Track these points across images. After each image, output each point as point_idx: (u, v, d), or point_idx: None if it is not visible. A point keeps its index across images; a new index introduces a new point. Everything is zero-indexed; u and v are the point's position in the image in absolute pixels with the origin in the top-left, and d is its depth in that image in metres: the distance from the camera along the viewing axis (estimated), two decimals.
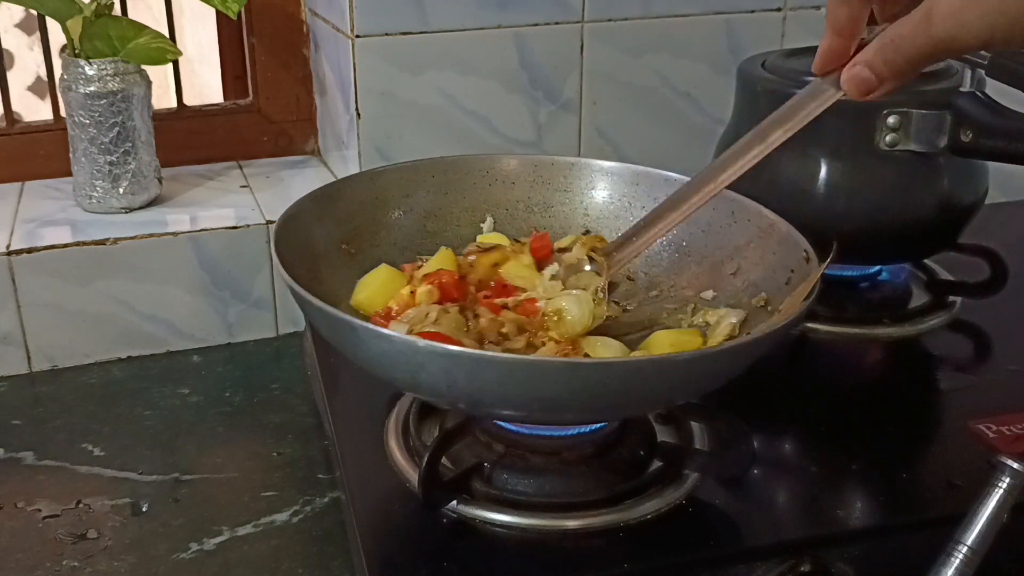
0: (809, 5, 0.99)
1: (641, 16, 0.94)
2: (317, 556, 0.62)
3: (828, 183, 0.79)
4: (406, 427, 0.68)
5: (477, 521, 0.59)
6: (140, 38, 0.87)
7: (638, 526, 0.59)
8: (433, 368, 0.54)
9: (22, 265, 0.81)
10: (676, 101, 0.99)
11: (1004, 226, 1.03)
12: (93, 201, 0.88)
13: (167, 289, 0.85)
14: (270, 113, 1.02)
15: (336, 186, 0.74)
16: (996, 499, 0.48)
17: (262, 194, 0.94)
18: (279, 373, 0.84)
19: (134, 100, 0.87)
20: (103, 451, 0.73)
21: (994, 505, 0.48)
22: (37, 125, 0.97)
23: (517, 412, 0.59)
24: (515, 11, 0.90)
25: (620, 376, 0.53)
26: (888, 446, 0.67)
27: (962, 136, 0.74)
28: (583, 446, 0.64)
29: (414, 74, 0.89)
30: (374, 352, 0.55)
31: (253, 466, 0.71)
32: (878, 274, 0.89)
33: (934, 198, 0.80)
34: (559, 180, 0.79)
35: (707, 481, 0.63)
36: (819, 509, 0.62)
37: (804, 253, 0.64)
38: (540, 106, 0.94)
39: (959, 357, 0.82)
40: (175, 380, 0.83)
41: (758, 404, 0.71)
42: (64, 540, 0.64)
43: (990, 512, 0.48)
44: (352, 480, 0.64)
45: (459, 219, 0.78)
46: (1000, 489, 0.48)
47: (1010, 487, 0.48)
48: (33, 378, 0.83)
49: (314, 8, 0.97)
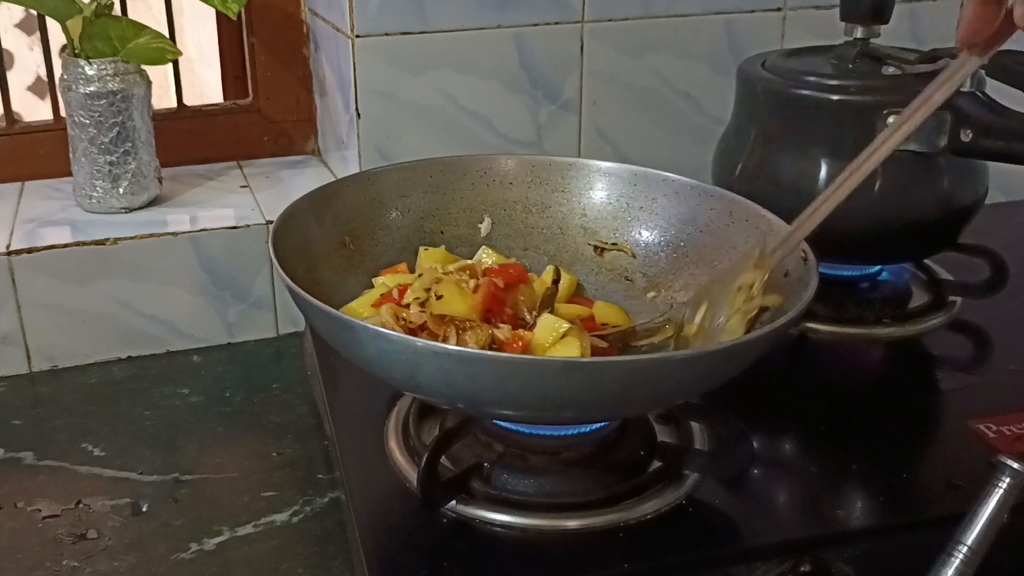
0: (809, 5, 0.99)
1: (641, 16, 0.94)
2: (317, 556, 0.62)
3: (828, 183, 0.79)
4: (406, 427, 0.68)
5: (477, 521, 0.60)
6: (140, 38, 0.87)
7: (638, 526, 0.59)
8: (431, 367, 0.54)
9: (22, 265, 0.81)
10: (676, 101, 0.99)
11: (1004, 226, 1.03)
12: (93, 201, 0.88)
13: (167, 289, 0.85)
14: (270, 113, 1.02)
15: (334, 186, 0.74)
16: (996, 499, 0.48)
17: (262, 194, 0.94)
18: (279, 373, 0.84)
19: (134, 100, 0.87)
20: (103, 451, 0.73)
21: (994, 505, 0.48)
22: (37, 125, 0.97)
23: (516, 411, 0.59)
24: (515, 11, 0.90)
25: (619, 375, 0.53)
26: (888, 446, 0.67)
27: (962, 136, 0.74)
28: (583, 446, 0.64)
29: (414, 74, 0.89)
30: (372, 352, 0.56)
31: (253, 466, 0.71)
32: (878, 274, 0.89)
33: (934, 198, 0.80)
34: (557, 180, 0.79)
35: (707, 481, 0.63)
36: (819, 509, 0.62)
37: (802, 253, 0.64)
38: (540, 106, 0.94)
39: (959, 357, 0.82)
40: (175, 380, 0.83)
41: (758, 404, 0.71)
42: (64, 540, 0.64)
43: (990, 512, 0.48)
44: (352, 480, 0.64)
45: (457, 219, 0.78)
46: (1000, 489, 0.48)
47: (1010, 487, 0.48)
48: (33, 378, 0.83)
49: (314, 8, 0.97)
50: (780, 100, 0.82)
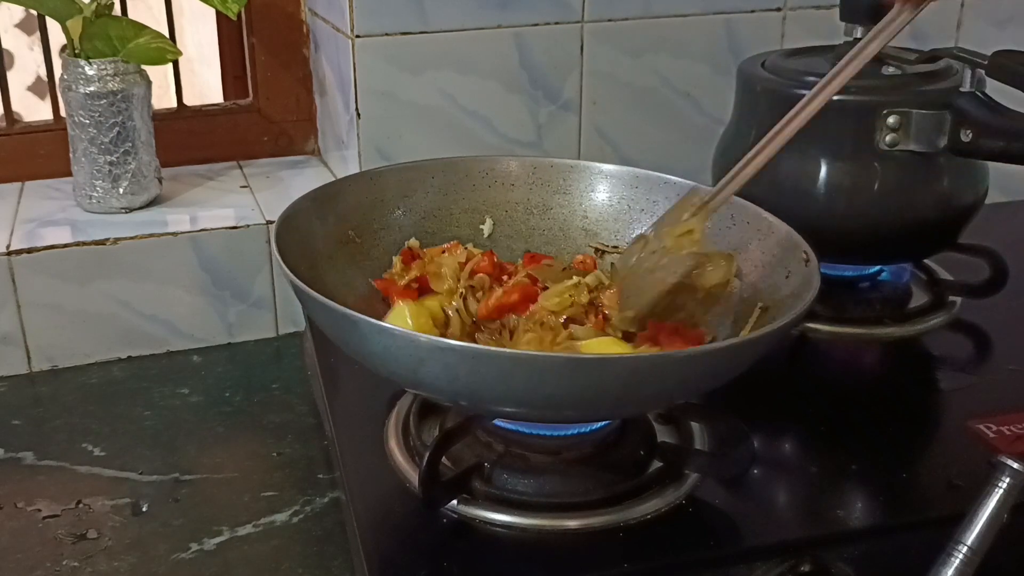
0: (809, 5, 0.99)
1: (641, 16, 0.94)
2: (317, 556, 0.62)
3: (828, 183, 0.79)
4: (406, 427, 0.68)
5: (477, 521, 0.60)
6: (140, 38, 0.87)
7: (638, 526, 0.59)
8: (434, 363, 0.54)
9: (22, 265, 0.81)
10: (676, 101, 0.99)
11: (1004, 226, 1.03)
12: (93, 201, 0.88)
13: (167, 289, 0.85)
14: (270, 113, 1.02)
15: (336, 185, 0.74)
16: (996, 499, 0.48)
17: (262, 194, 0.94)
18: (279, 373, 0.84)
19: (134, 100, 0.87)
20: (103, 451, 0.73)
21: (994, 505, 0.48)
22: (37, 125, 0.97)
23: (518, 409, 0.59)
24: (515, 11, 0.90)
25: (620, 373, 0.53)
26: (888, 446, 0.67)
27: (962, 136, 0.74)
28: (583, 446, 0.64)
29: (414, 74, 0.89)
30: (375, 347, 0.55)
31: (253, 466, 0.71)
32: (878, 274, 0.89)
33: (934, 198, 0.80)
34: (558, 182, 0.79)
35: (707, 481, 0.63)
36: (819, 509, 0.62)
37: (803, 255, 0.64)
38: (540, 106, 0.94)
39: (959, 357, 0.82)
40: (175, 380, 0.83)
41: (758, 404, 0.71)
42: (64, 540, 0.64)
43: (990, 512, 0.48)
44: (352, 480, 0.64)
45: (458, 220, 0.78)
46: (1000, 489, 0.48)
47: (1010, 487, 0.48)
48: (33, 378, 0.84)
49: (314, 8, 0.97)
50: (780, 100, 0.81)
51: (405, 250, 0.74)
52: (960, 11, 1.05)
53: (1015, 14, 1.07)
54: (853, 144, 0.78)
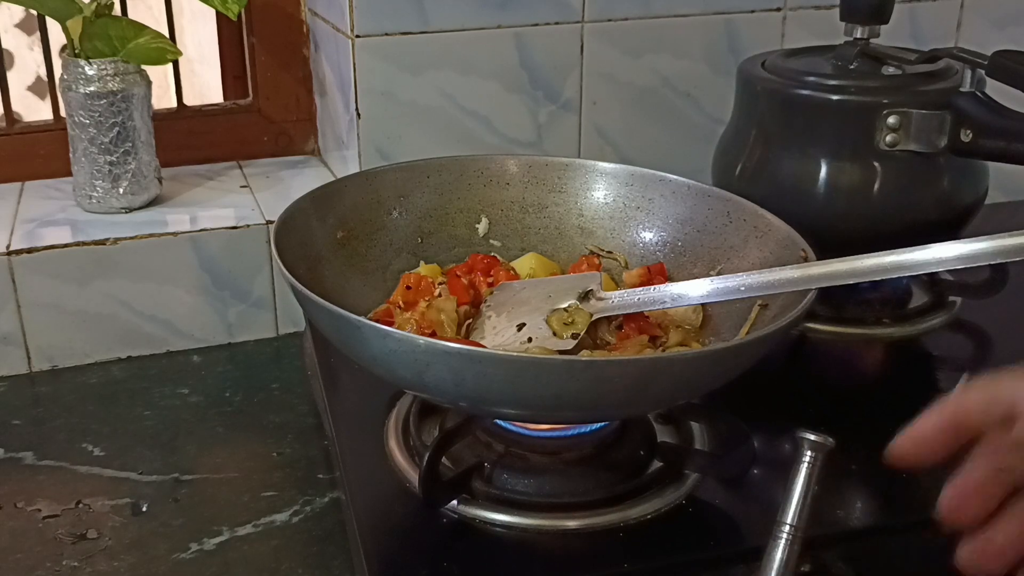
0: (809, 5, 0.99)
1: (641, 16, 0.94)
2: (317, 556, 0.62)
3: (828, 183, 0.79)
4: (406, 427, 0.68)
5: (477, 521, 0.60)
6: (140, 38, 0.87)
7: (638, 526, 0.59)
8: (440, 367, 0.53)
9: (22, 265, 0.81)
10: (676, 101, 0.99)
11: (1004, 226, 1.02)
12: (93, 201, 0.88)
13: (167, 289, 0.85)
14: (270, 113, 1.02)
15: (335, 186, 0.74)
16: (803, 474, 0.49)
17: (262, 194, 0.94)
18: (279, 373, 0.84)
19: (134, 100, 0.87)
20: (103, 451, 0.73)
21: (802, 480, 0.49)
22: (37, 125, 0.97)
23: (521, 411, 0.59)
24: (515, 11, 0.90)
25: (621, 375, 0.53)
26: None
27: (962, 136, 0.74)
28: (583, 446, 0.64)
29: (414, 74, 0.89)
30: (378, 351, 0.55)
31: (253, 466, 0.71)
32: None
33: (934, 198, 0.80)
34: (554, 181, 0.79)
35: (707, 481, 0.63)
36: (819, 509, 0.62)
37: (802, 252, 0.65)
38: (540, 106, 0.94)
39: (959, 357, 0.82)
40: (175, 380, 0.83)
41: (758, 404, 0.71)
42: (64, 540, 0.64)
43: (800, 488, 0.49)
44: (352, 480, 0.64)
45: (455, 220, 0.78)
46: (805, 463, 0.50)
47: (812, 460, 0.49)
48: (33, 378, 0.83)
49: (314, 8, 0.97)
50: (780, 100, 0.82)
51: (411, 275, 0.73)
52: (960, 11, 1.05)
53: (1015, 14, 1.07)
54: (853, 144, 0.78)
